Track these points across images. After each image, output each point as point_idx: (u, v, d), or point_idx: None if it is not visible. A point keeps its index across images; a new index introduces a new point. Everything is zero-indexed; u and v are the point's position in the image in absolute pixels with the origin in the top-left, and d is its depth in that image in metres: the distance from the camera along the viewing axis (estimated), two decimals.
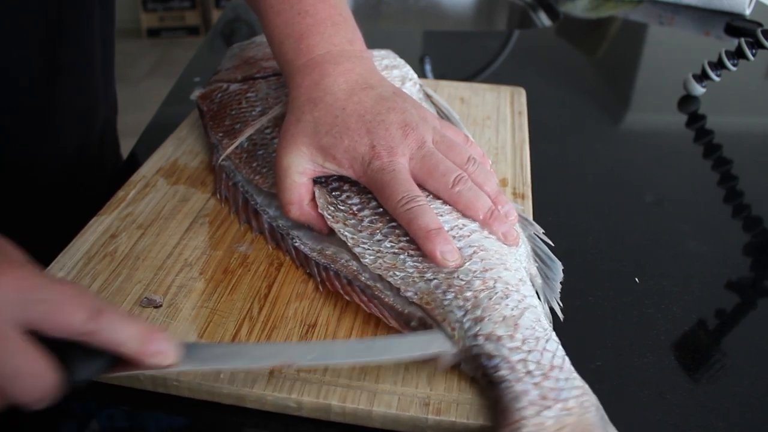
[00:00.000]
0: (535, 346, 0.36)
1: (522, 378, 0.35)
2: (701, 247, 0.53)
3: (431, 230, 0.40)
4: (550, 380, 0.35)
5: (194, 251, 0.47)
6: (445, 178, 0.43)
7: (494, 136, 0.62)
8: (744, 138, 0.73)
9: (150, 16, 3.27)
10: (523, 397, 0.34)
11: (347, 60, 0.47)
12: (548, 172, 0.62)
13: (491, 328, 0.37)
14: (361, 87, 0.46)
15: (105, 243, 0.47)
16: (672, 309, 0.46)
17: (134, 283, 0.44)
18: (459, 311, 0.38)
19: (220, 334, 0.40)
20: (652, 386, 0.40)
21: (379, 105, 0.45)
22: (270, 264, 0.46)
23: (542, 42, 1.02)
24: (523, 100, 0.68)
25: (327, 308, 0.42)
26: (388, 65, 0.61)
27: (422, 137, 0.44)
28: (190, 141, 0.60)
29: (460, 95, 0.69)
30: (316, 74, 0.46)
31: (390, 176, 0.43)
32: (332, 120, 0.45)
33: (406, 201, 0.42)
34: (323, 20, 0.48)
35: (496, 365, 0.36)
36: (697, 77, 0.78)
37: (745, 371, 0.42)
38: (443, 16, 1.28)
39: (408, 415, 0.36)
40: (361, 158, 0.44)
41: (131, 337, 0.32)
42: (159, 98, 0.76)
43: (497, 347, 0.36)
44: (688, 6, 1.10)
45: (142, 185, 0.54)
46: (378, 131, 0.44)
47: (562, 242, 0.53)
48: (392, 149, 0.43)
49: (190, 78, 0.80)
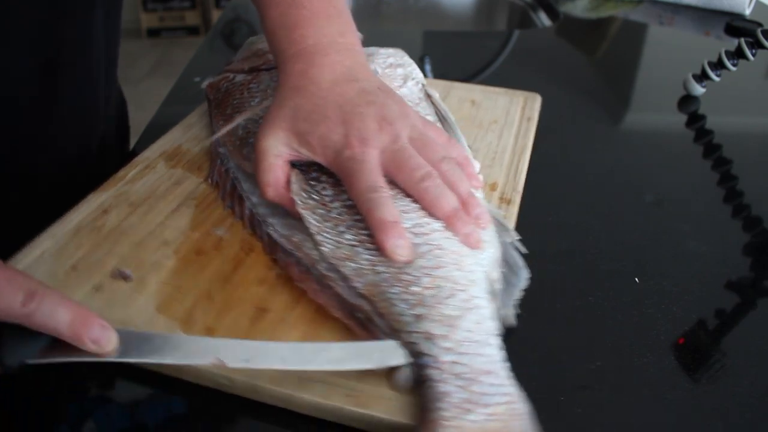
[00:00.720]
0: (470, 348, 0.36)
1: (448, 380, 0.35)
2: (701, 247, 0.53)
3: (387, 222, 0.40)
4: (478, 384, 0.35)
5: (174, 231, 0.49)
6: (414, 173, 0.43)
7: (496, 140, 0.62)
8: (744, 138, 0.73)
9: (150, 16, 3.28)
10: (446, 398, 0.34)
11: (336, 52, 0.48)
12: (548, 172, 0.62)
13: (428, 327, 0.37)
14: (346, 79, 0.47)
15: (96, 217, 0.50)
16: (672, 309, 0.46)
17: (112, 257, 0.46)
18: (402, 305, 0.38)
19: (177, 310, 0.42)
20: (652, 386, 0.40)
21: (360, 97, 0.46)
22: (241, 248, 0.48)
23: (542, 42, 1.02)
24: (537, 106, 0.68)
25: (283, 295, 0.43)
26: (392, 63, 0.61)
27: (397, 132, 0.45)
28: (197, 128, 0.63)
29: (472, 98, 0.70)
30: (304, 63, 0.47)
31: (358, 165, 0.43)
32: (312, 107, 0.45)
33: (371, 191, 0.42)
34: (317, 12, 0.49)
35: (425, 364, 0.36)
36: (697, 77, 0.78)
37: (745, 371, 0.42)
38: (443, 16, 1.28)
39: (331, 404, 0.36)
40: (333, 146, 0.44)
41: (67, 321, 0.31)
42: (159, 98, 0.76)
43: (430, 346, 0.36)
44: (688, 6, 1.10)
45: (143, 166, 0.56)
46: (353, 121, 0.44)
47: (562, 242, 0.53)
48: (365, 140, 0.44)
49: (190, 78, 0.80)
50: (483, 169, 0.57)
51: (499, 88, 0.72)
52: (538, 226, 0.55)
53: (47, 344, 0.32)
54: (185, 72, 0.82)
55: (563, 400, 0.39)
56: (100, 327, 0.33)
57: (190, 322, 0.41)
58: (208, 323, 0.41)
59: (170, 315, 0.41)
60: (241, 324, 0.41)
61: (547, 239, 0.53)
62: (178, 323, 0.41)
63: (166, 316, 0.41)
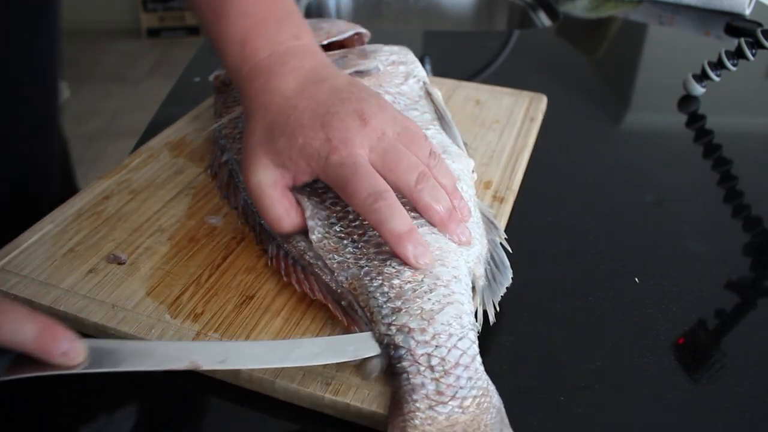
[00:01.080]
0: (445, 342, 0.36)
1: (422, 372, 0.35)
2: (701, 247, 0.53)
3: (402, 233, 0.39)
4: (451, 377, 0.35)
5: (170, 219, 0.50)
6: (408, 175, 0.41)
7: (496, 139, 0.62)
8: (744, 138, 0.73)
9: (150, 16, 3.27)
10: (419, 390, 0.35)
11: (294, 57, 0.45)
12: (548, 172, 0.62)
13: (405, 320, 0.37)
14: (312, 82, 0.44)
15: (97, 203, 0.52)
16: (672, 309, 0.46)
17: (108, 241, 0.48)
18: (382, 297, 0.39)
19: (166, 294, 0.43)
20: (652, 386, 0.40)
21: (332, 96, 0.43)
22: (233, 238, 0.49)
23: (542, 42, 1.02)
24: (541, 107, 0.68)
25: (269, 284, 0.44)
26: (395, 60, 0.61)
27: (381, 127, 0.42)
28: (203, 119, 0.64)
29: (477, 97, 0.70)
30: (263, 79, 0.44)
31: (351, 170, 0.40)
32: (285, 120, 0.43)
33: (373, 199, 0.40)
34: (265, 19, 0.46)
35: (400, 356, 0.36)
36: (697, 77, 0.78)
37: (745, 371, 0.42)
38: (443, 16, 1.28)
39: (307, 391, 0.37)
40: (317, 154, 0.41)
41: (33, 335, 0.31)
42: (159, 98, 0.76)
43: (406, 339, 0.37)
44: (688, 6, 1.10)
45: (147, 155, 0.58)
46: (333, 123, 0.42)
47: (562, 242, 0.53)
48: (349, 141, 0.41)
49: (190, 78, 0.80)
50: (479, 167, 0.57)
51: (507, 88, 0.72)
52: (538, 226, 0.55)
53: (13, 360, 0.32)
54: (185, 72, 0.82)
55: (563, 400, 0.39)
56: (68, 339, 0.32)
57: (178, 306, 0.42)
58: (194, 308, 0.42)
59: (159, 299, 0.43)
60: (227, 310, 0.42)
61: (547, 239, 0.53)
62: (166, 307, 0.42)
63: (154, 300, 0.43)
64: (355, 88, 0.44)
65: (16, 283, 0.43)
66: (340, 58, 0.61)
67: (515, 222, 0.54)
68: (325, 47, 0.65)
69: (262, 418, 0.38)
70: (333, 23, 0.66)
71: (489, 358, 0.42)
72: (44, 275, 0.44)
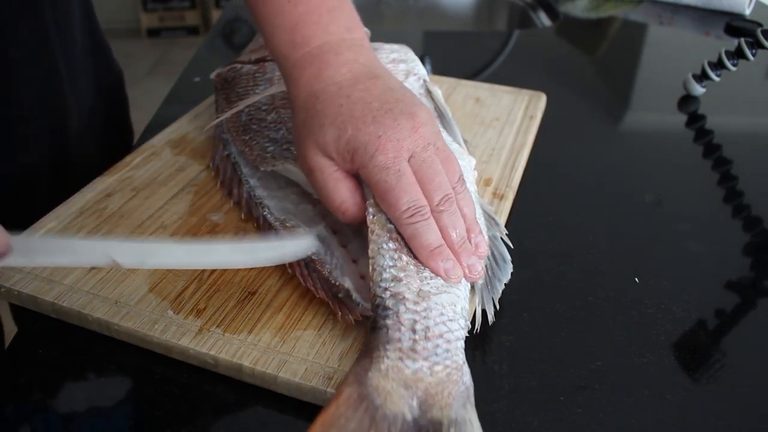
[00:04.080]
0: (435, 316, 0.37)
1: (402, 331, 0.36)
2: (701, 246, 0.53)
3: (435, 248, 0.40)
4: (429, 343, 0.35)
5: (172, 216, 0.51)
6: (435, 194, 0.41)
7: (496, 137, 0.62)
8: (744, 138, 0.73)
9: (150, 16, 3.27)
10: (395, 342, 0.35)
11: (348, 49, 0.44)
12: (548, 172, 0.62)
13: (402, 289, 0.38)
14: (367, 76, 0.43)
15: (99, 200, 0.52)
16: (672, 309, 0.46)
17: (112, 238, 0.47)
18: (390, 260, 0.39)
19: (169, 290, 0.43)
20: (652, 386, 0.40)
21: (386, 94, 0.42)
22: (235, 233, 0.49)
23: (542, 42, 1.02)
24: (541, 106, 0.69)
25: (272, 279, 0.45)
26: (396, 59, 0.61)
27: (428, 138, 0.42)
28: (204, 117, 0.64)
29: (477, 95, 0.70)
30: (315, 68, 0.43)
31: (395, 179, 0.40)
32: (336, 110, 0.41)
33: (412, 212, 0.40)
34: (317, 7, 0.44)
35: (385, 315, 0.37)
36: (697, 77, 0.78)
37: (745, 371, 0.42)
38: (443, 16, 1.28)
39: (309, 385, 0.37)
40: (363, 148, 0.40)
41: None
42: (159, 98, 0.76)
43: (396, 303, 0.37)
44: (688, 6, 1.10)
45: (149, 153, 0.58)
46: (385, 120, 0.41)
47: (562, 242, 0.53)
48: (399, 143, 0.40)
49: (190, 78, 0.80)
50: (479, 165, 0.57)
51: (506, 86, 0.72)
52: (538, 225, 0.55)
53: None
54: (185, 72, 0.82)
55: (563, 400, 0.39)
56: None
57: (181, 302, 0.43)
58: (197, 304, 0.42)
59: (162, 295, 0.43)
60: (229, 305, 0.42)
61: (547, 239, 0.53)
62: (169, 302, 0.42)
63: (157, 296, 0.43)
64: (408, 92, 0.44)
65: (20, 279, 0.43)
66: None
67: (515, 222, 0.54)
68: None
69: (264, 413, 0.38)
70: None
71: (489, 358, 0.42)
72: (47, 271, 0.44)
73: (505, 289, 0.44)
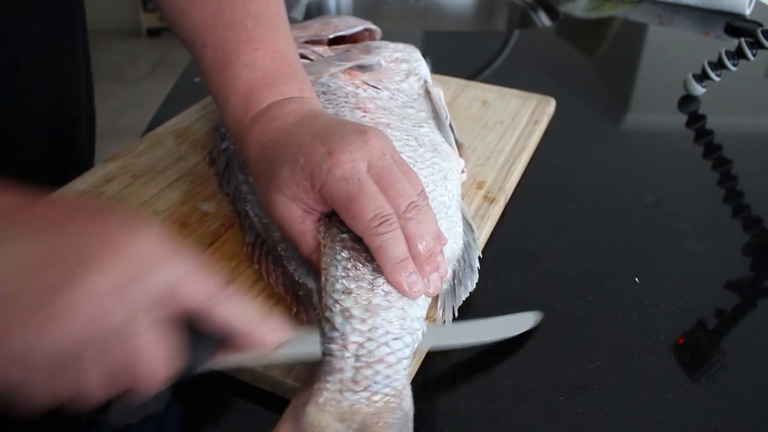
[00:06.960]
0: (379, 337, 0.36)
1: (346, 358, 0.36)
2: (701, 246, 0.53)
3: (400, 261, 0.38)
4: (370, 370, 0.35)
5: (165, 203, 0.52)
6: (399, 200, 0.39)
7: (497, 140, 0.62)
8: (744, 138, 0.73)
9: (150, 16, 3.27)
10: (336, 373, 0.35)
11: (294, 103, 0.45)
12: (548, 172, 0.62)
13: (350, 304, 0.37)
14: (311, 116, 0.44)
15: (99, 185, 0.54)
16: (672, 309, 0.46)
17: None
18: (342, 271, 0.39)
19: None
20: (652, 386, 0.40)
21: (332, 123, 0.42)
22: (222, 224, 0.50)
23: (542, 42, 1.02)
24: (548, 111, 0.68)
25: (250, 270, 0.46)
26: (398, 58, 0.61)
27: (382, 147, 0.41)
28: (211, 110, 0.65)
29: (484, 98, 0.70)
30: (262, 124, 0.44)
31: (357, 188, 0.39)
32: (284, 149, 0.41)
33: (379, 221, 0.38)
34: (272, 72, 0.46)
35: (332, 338, 0.36)
36: (697, 77, 0.78)
37: (745, 371, 0.42)
38: (443, 16, 1.28)
39: (270, 375, 0.39)
40: (318, 168, 0.39)
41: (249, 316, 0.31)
42: (159, 98, 0.76)
43: (343, 323, 0.37)
44: (688, 6, 1.10)
45: (153, 141, 0.60)
46: (333, 139, 0.40)
47: (562, 242, 0.53)
48: (352, 155, 0.39)
49: (190, 78, 0.80)
50: (475, 168, 0.57)
51: (515, 89, 0.72)
52: (538, 225, 0.55)
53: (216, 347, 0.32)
54: (185, 72, 0.82)
55: (563, 400, 0.39)
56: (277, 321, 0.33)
57: None
58: None
59: None
60: None
61: (547, 239, 0.53)
62: None
63: None
64: (354, 122, 0.44)
65: None
66: (343, 52, 0.61)
67: (515, 222, 0.54)
68: (332, 41, 0.65)
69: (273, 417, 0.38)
70: (343, 19, 0.67)
71: (489, 358, 0.42)
72: None
73: (506, 289, 0.44)
